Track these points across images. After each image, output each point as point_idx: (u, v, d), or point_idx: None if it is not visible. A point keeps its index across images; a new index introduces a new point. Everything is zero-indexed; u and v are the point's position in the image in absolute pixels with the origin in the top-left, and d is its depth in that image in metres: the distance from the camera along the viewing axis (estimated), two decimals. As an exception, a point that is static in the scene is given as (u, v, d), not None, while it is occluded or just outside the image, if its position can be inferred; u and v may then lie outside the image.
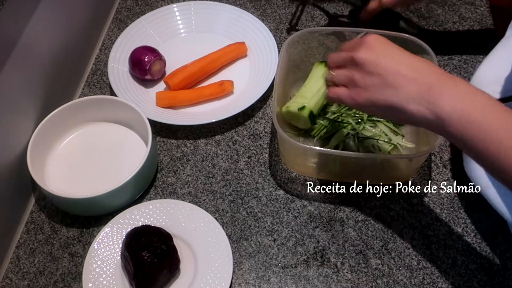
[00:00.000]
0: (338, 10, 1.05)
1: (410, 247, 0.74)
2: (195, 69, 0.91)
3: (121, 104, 0.83)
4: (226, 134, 0.87)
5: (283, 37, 1.01)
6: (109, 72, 0.91)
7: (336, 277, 0.71)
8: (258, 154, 0.85)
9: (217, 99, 0.91)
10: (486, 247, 0.73)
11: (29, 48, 0.77)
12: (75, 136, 0.86)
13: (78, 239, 0.76)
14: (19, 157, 0.77)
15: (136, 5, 1.09)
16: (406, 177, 0.80)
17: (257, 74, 0.93)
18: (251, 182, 0.81)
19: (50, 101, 0.84)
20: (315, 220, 0.77)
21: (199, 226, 0.74)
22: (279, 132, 0.73)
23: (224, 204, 0.79)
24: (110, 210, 0.77)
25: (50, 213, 0.79)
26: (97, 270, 0.70)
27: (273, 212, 0.78)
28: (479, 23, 1.01)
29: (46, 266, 0.74)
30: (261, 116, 0.90)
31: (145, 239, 0.67)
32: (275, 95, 0.77)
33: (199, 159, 0.84)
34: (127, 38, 0.97)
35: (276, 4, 1.07)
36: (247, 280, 0.72)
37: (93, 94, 0.94)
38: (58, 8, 0.86)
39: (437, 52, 0.97)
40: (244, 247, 0.75)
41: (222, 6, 1.02)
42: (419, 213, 0.77)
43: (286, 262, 0.73)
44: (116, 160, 0.83)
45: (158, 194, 0.81)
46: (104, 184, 0.73)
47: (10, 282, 0.73)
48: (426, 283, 0.70)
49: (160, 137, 0.87)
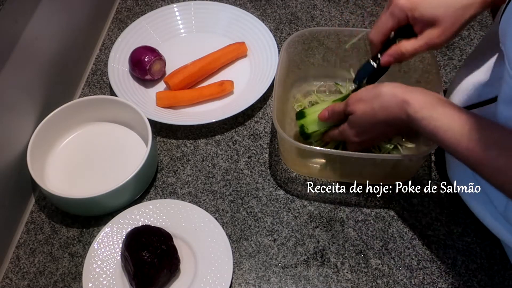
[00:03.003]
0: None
1: (410, 247, 0.74)
2: (195, 69, 0.91)
3: (121, 104, 0.83)
4: (226, 134, 0.87)
5: (283, 37, 1.01)
6: (109, 72, 0.91)
7: (336, 277, 0.71)
8: (258, 154, 0.85)
9: (217, 99, 0.91)
10: (486, 247, 0.73)
11: (29, 48, 0.77)
12: (75, 136, 0.86)
13: (78, 239, 0.76)
14: (19, 157, 0.77)
15: (136, 5, 1.09)
16: (406, 177, 0.80)
17: (257, 74, 0.93)
18: (251, 182, 0.81)
19: (50, 101, 0.84)
20: (315, 220, 0.77)
21: (199, 226, 0.74)
22: (279, 132, 0.73)
23: (224, 204, 0.79)
24: (110, 210, 0.77)
25: (50, 213, 0.79)
26: (97, 270, 0.70)
27: (273, 212, 0.78)
28: (479, 23, 1.01)
29: (46, 266, 0.74)
30: (261, 116, 0.90)
31: (145, 239, 0.67)
32: (275, 95, 0.77)
33: (199, 159, 0.84)
34: (127, 38, 0.97)
35: (276, 4, 1.07)
36: (247, 280, 0.72)
37: (93, 94, 0.94)
38: (58, 8, 0.86)
39: (437, 52, 0.97)
40: (244, 247, 0.75)
41: (222, 6, 1.02)
42: (419, 213, 0.77)
43: (286, 262, 0.73)
44: (116, 160, 0.83)
45: (158, 194, 0.81)
46: (104, 184, 0.73)
47: (10, 282, 0.73)
48: (426, 283, 0.70)
49: (160, 137, 0.87)
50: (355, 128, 0.70)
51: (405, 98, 0.61)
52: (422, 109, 0.60)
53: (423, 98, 0.61)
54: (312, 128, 0.77)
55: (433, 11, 0.63)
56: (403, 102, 0.61)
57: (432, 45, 0.65)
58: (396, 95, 0.63)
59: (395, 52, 0.68)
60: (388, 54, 0.69)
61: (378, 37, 0.69)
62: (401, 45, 0.68)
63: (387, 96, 0.64)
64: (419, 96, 0.61)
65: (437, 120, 0.58)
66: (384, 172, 0.81)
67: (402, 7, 0.65)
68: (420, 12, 0.64)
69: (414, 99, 0.61)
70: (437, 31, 0.64)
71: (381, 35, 0.69)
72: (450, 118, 0.58)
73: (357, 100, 0.68)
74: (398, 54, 0.68)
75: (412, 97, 0.61)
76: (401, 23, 0.67)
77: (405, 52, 0.67)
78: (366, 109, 0.67)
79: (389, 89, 0.64)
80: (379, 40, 0.69)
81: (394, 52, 0.68)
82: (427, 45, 0.66)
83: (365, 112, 0.67)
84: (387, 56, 0.69)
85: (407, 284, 0.70)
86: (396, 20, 0.66)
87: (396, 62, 0.70)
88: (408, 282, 0.71)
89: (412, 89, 0.63)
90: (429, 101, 0.60)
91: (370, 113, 0.66)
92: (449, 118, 0.58)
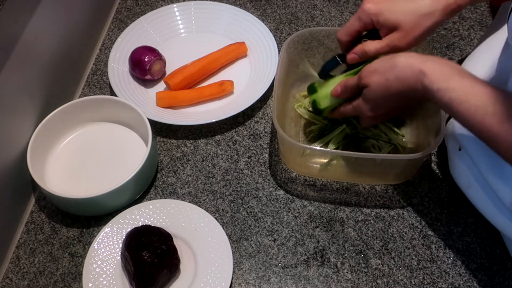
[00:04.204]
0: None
1: (410, 247, 0.74)
2: (195, 69, 0.91)
3: (121, 104, 0.83)
4: (226, 134, 0.87)
5: (283, 37, 1.01)
6: (109, 72, 0.91)
7: (336, 277, 0.71)
8: (258, 154, 0.85)
9: (217, 99, 0.91)
10: (486, 247, 0.73)
11: (29, 48, 0.77)
12: (75, 136, 0.86)
13: (78, 239, 0.76)
14: (19, 157, 0.77)
15: (136, 5, 1.09)
16: (406, 177, 0.80)
17: (257, 74, 0.93)
18: (251, 182, 0.81)
19: (50, 101, 0.84)
20: (315, 220, 0.77)
21: (199, 226, 0.74)
22: (279, 132, 0.73)
23: (224, 204, 0.79)
24: (110, 210, 0.77)
25: (50, 213, 0.79)
26: (97, 270, 0.70)
27: (273, 212, 0.78)
28: (479, 23, 1.01)
29: (46, 266, 0.74)
30: (261, 116, 0.90)
31: (145, 239, 0.67)
32: (275, 95, 0.77)
33: (199, 159, 0.84)
34: (127, 38, 0.97)
35: (276, 4, 1.07)
36: (247, 280, 0.72)
37: (93, 94, 0.94)
38: (58, 8, 0.86)
39: (437, 52, 0.97)
40: (244, 247, 0.75)
41: (222, 6, 1.02)
42: (419, 213, 0.77)
43: (286, 262, 0.73)
44: (116, 160, 0.83)
45: (158, 194, 0.81)
46: (104, 184, 0.73)
47: (10, 282, 0.73)
48: (426, 283, 0.70)
49: (160, 137, 0.87)
50: (370, 103, 0.68)
51: (422, 68, 0.60)
52: (438, 80, 0.59)
53: (440, 68, 0.60)
54: (324, 104, 0.75)
55: (396, 16, 0.68)
56: (419, 73, 0.60)
57: (393, 47, 0.69)
58: (413, 66, 0.61)
59: (359, 50, 0.73)
60: (353, 51, 0.73)
61: (345, 37, 0.74)
62: (365, 45, 0.72)
63: (402, 66, 0.63)
64: (435, 66, 0.60)
65: (452, 91, 0.57)
66: (384, 172, 0.81)
67: (368, 12, 0.69)
68: (384, 17, 0.69)
69: (431, 69, 0.60)
70: (399, 35, 0.68)
71: (347, 36, 0.74)
72: (466, 89, 0.57)
73: (371, 72, 0.66)
74: (361, 52, 0.72)
75: (429, 67, 0.60)
76: (367, 26, 0.71)
77: (368, 51, 0.71)
78: (380, 81, 0.65)
79: (405, 59, 0.63)
80: (346, 40, 0.74)
81: (358, 50, 0.73)
82: (388, 47, 0.70)
83: (379, 84, 0.65)
84: (352, 53, 0.74)
85: (407, 284, 0.70)
86: (362, 24, 0.71)
87: (360, 60, 0.73)
88: (408, 282, 0.71)
89: (428, 58, 0.62)
90: (446, 72, 0.59)
91: (385, 85, 0.65)
92: (464, 90, 0.57)
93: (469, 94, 0.56)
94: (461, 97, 0.57)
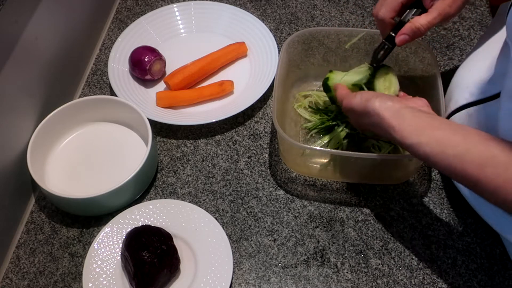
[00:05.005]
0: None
1: (410, 247, 0.74)
2: (195, 69, 0.91)
3: (121, 104, 0.83)
4: (226, 134, 0.87)
5: (283, 37, 1.01)
6: (109, 72, 0.91)
7: (336, 277, 0.71)
8: (258, 154, 0.85)
9: (217, 99, 0.91)
10: (486, 247, 0.73)
11: (29, 48, 0.77)
12: (75, 136, 0.86)
13: (78, 239, 0.76)
14: (19, 157, 0.77)
15: (136, 5, 1.09)
16: (406, 177, 0.80)
17: (257, 74, 0.93)
18: (251, 182, 0.81)
19: (50, 101, 0.84)
20: (315, 220, 0.77)
21: (199, 226, 0.74)
22: (279, 132, 0.73)
23: (224, 204, 0.79)
24: (110, 210, 0.77)
25: (50, 213, 0.79)
26: (97, 270, 0.70)
27: (273, 212, 0.78)
28: (479, 23, 1.01)
29: (46, 266, 0.74)
30: (261, 116, 0.90)
31: (145, 239, 0.67)
32: (275, 95, 0.77)
33: (199, 159, 0.84)
34: (127, 38, 0.97)
35: (276, 4, 1.07)
36: (247, 280, 0.72)
37: (93, 94, 0.94)
38: (58, 8, 0.86)
39: (437, 52, 0.97)
40: (244, 247, 0.75)
41: (222, 6, 1.02)
42: (419, 213, 0.77)
43: (286, 262, 0.73)
44: (116, 160, 0.83)
45: (158, 194, 0.81)
46: (104, 184, 0.73)
47: (10, 282, 0.73)
48: (426, 283, 0.70)
49: (160, 137, 0.87)
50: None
51: (391, 123, 0.59)
52: (409, 136, 0.58)
53: (411, 123, 0.59)
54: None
55: None
56: (389, 128, 0.60)
57: (445, 15, 0.64)
58: (383, 120, 0.60)
59: (410, 29, 0.66)
60: (403, 32, 0.67)
61: (389, 14, 0.67)
62: (415, 21, 0.65)
63: (374, 117, 0.62)
64: (406, 121, 0.59)
65: (426, 145, 0.56)
66: (384, 172, 0.81)
67: None
68: None
69: (401, 125, 0.59)
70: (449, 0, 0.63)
71: (392, 12, 0.67)
72: (439, 141, 0.56)
73: (348, 109, 0.68)
74: (413, 30, 0.66)
75: (400, 123, 0.59)
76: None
77: (421, 27, 0.65)
78: (356, 120, 0.68)
79: (378, 108, 0.61)
80: (390, 16, 0.67)
81: (409, 29, 0.66)
82: (441, 16, 0.64)
83: (355, 122, 0.69)
84: (402, 34, 0.67)
85: (407, 284, 0.70)
86: None
87: (412, 39, 0.67)
88: (408, 282, 0.71)
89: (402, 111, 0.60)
90: (418, 125, 0.58)
91: (360, 125, 0.68)
92: (437, 142, 0.56)
93: (443, 146, 0.55)
94: (435, 149, 0.56)
